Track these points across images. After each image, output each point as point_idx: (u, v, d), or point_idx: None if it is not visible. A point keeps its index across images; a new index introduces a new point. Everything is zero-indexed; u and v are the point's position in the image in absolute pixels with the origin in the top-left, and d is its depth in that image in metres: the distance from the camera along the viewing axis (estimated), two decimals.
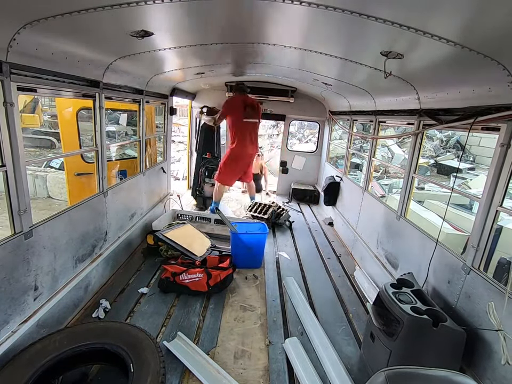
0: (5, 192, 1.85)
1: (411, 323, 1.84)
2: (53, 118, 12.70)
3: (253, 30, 2.27)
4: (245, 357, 2.29)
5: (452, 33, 1.53)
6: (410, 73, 2.42)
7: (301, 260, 3.90)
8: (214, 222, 4.58)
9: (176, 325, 2.53)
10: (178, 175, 8.82)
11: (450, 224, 5.21)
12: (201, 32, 2.34)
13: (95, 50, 2.30)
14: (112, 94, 2.93)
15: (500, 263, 3.41)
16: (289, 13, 1.76)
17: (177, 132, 14.85)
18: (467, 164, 12.67)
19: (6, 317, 1.85)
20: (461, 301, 2.06)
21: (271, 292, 3.14)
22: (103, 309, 2.63)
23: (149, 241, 3.65)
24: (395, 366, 1.20)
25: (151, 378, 1.71)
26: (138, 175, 3.80)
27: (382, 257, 3.26)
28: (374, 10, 1.49)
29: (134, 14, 1.71)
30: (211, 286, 2.93)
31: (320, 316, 2.78)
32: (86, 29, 1.87)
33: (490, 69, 1.68)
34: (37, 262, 2.08)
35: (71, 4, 1.50)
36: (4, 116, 1.72)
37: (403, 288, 2.17)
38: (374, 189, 7.96)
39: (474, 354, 1.88)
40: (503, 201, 1.86)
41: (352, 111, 4.68)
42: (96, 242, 2.85)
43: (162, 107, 4.54)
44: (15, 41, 1.65)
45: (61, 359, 1.83)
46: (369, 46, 2.18)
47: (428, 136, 14.05)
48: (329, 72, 3.39)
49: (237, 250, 3.54)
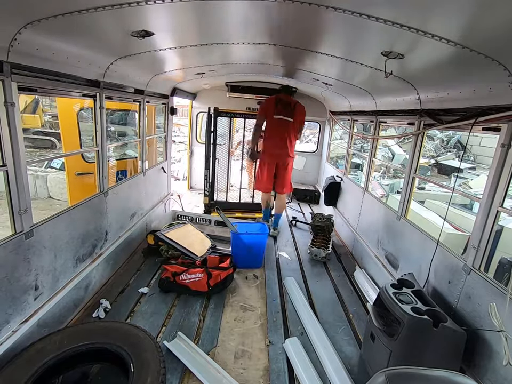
0: (6, 191, 1.85)
1: (411, 323, 1.84)
2: (54, 118, 12.70)
3: (254, 30, 2.27)
4: (245, 357, 2.29)
5: (452, 33, 1.53)
6: (411, 73, 2.42)
7: (301, 259, 3.90)
8: (214, 223, 4.57)
9: (176, 325, 2.53)
10: (178, 175, 8.82)
11: (451, 224, 5.21)
12: (201, 32, 2.34)
13: (96, 50, 2.31)
14: (113, 94, 2.93)
15: (501, 263, 3.41)
16: (290, 13, 1.76)
17: (177, 132, 14.85)
18: (468, 163, 12.66)
19: (7, 316, 1.85)
20: (461, 302, 2.06)
21: (271, 291, 3.14)
22: (103, 308, 2.63)
23: (149, 241, 3.65)
24: (395, 366, 1.20)
25: (151, 378, 1.71)
26: (138, 175, 3.80)
27: (382, 258, 3.26)
28: (375, 10, 1.49)
29: (134, 14, 1.71)
30: (211, 286, 2.93)
31: (320, 316, 2.78)
32: (87, 29, 1.87)
33: (491, 69, 1.68)
34: (38, 262, 2.08)
35: (71, 4, 1.50)
36: (4, 115, 1.73)
37: (403, 288, 2.17)
38: (375, 189, 7.96)
39: (474, 354, 1.88)
40: (504, 202, 1.86)
41: (352, 111, 4.68)
42: (97, 242, 2.86)
43: (163, 107, 4.55)
44: (16, 41, 1.66)
45: (61, 359, 1.83)
46: (369, 46, 2.18)
47: (429, 136, 14.04)
48: (330, 72, 3.39)
49: (237, 250, 3.54)
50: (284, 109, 4.27)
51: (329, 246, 4.04)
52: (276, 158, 4.40)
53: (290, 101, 4.35)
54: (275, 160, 4.40)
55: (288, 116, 4.28)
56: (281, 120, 4.27)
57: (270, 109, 4.29)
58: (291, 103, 4.33)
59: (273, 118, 4.27)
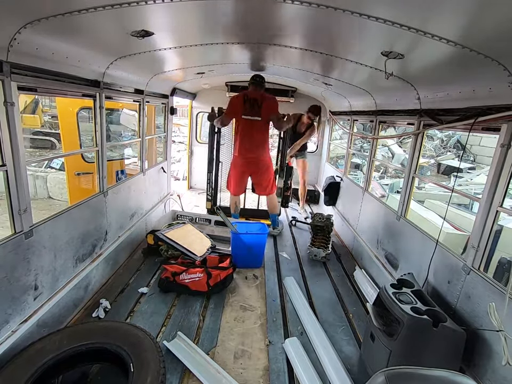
0: (6, 191, 1.85)
1: (411, 323, 1.84)
2: (54, 118, 12.69)
3: (253, 30, 2.27)
4: (245, 356, 2.29)
5: (452, 33, 1.53)
6: (411, 73, 2.42)
7: (301, 259, 3.90)
8: (214, 223, 4.56)
9: (176, 325, 2.53)
10: (178, 175, 8.82)
11: (451, 224, 5.21)
12: (201, 32, 2.34)
13: (96, 50, 2.31)
14: (113, 93, 2.93)
15: (500, 263, 3.42)
16: (289, 13, 1.76)
17: (177, 132, 14.85)
18: (467, 163, 12.66)
19: (6, 316, 1.85)
20: (461, 301, 2.06)
21: (271, 291, 3.14)
22: (103, 308, 2.63)
23: (149, 241, 3.65)
24: (395, 366, 1.20)
25: (151, 378, 1.71)
26: (138, 175, 3.80)
27: (382, 257, 3.26)
28: (375, 10, 1.49)
29: (134, 14, 1.71)
30: (211, 286, 2.93)
31: (320, 316, 2.78)
32: (87, 29, 1.87)
33: (491, 69, 1.68)
34: (37, 262, 2.08)
35: (71, 4, 1.50)
36: (4, 115, 1.72)
37: (403, 288, 2.17)
38: (374, 189, 7.96)
39: (474, 354, 1.88)
40: (504, 202, 1.86)
41: (352, 111, 4.68)
42: (97, 242, 2.85)
43: (163, 107, 4.55)
44: (15, 41, 1.65)
45: (61, 359, 1.83)
46: (369, 46, 2.18)
47: (428, 136, 14.04)
48: (330, 72, 3.40)
49: (237, 250, 3.54)
50: (250, 107, 3.89)
51: (329, 246, 4.03)
52: (249, 165, 4.11)
53: (257, 97, 3.91)
54: (249, 169, 4.15)
55: (255, 115, 3.90)
56: (248, 120, 3.94)
57: (238, 108, 3.92)
58: (258, 99, 3.90)
59: (242, 118, 3.96)
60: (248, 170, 4.20)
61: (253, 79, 3.96)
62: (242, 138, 4.05)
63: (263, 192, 4.40)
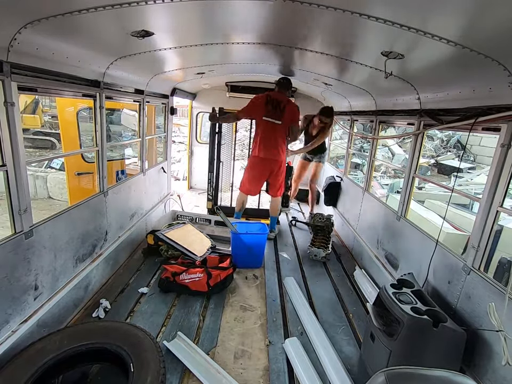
0: (6, 191, 1.85)
1: (411, 323, 1.84)
2: (54, 118, 12.69)
3: (253, 30, 2.27)
4: (245, 357, 2.29)
5: (452, 33, 1.53)
6: (411, 73, 2.42)
7: (301, 260, 3.90)
8: (214, 223, 4.56)
9: (176, 325, 2.53)
10: (178, 175, 8.82)
11: (451, 224, 5.21)
12: (201, 32, 2.34)
13: (96, 50, 2.31)
14: (113, 94, 2.93)
15: (501, 263, 3.42)
16: (289, 13, 1.76)
17: (177, 132, 14.85)
18: (468, 163, 12.66)
19: (7, 316, 1.85)
20: (461, 302, 2.06)
21: (271, 292, 3.14)
22: (103, 308, 2.63)
23: (149, 241, 3.65)
24: (395, 366, 1.20)
25: (151, 378, 1.71)
26: (138, 175, 3.80)
27: (382, 258, 3.26)
28: (374, 10, 1.49)
29: (134, 14, 1.71)
30: (211, 286, 2.93)
31: (320, 316, 2.78)
32: (87, 29, 1.87)
33: (491, 69, 1.68)
34: (37, 262, 2.08)
35: (71, 4, 1.50)
36: (4, 115, 1.72)
37: (403, 288, 2.17)
38: (374, 189, 7.96)
39: (474, 354, 1.88)
40: (504, 202, 1.86)
41: (352, 111, 4.68)
42: (97, 242, 2.85)
43: (163, 107, 4.55)
44: (15, 41, 1.65)
45: (61, 359, 1.83)
46: (369, 46, 2.18)
47: (429, 136, 14.04)
48: (330, 72, 3.40)
49: (237, 250, 3.54)
50: (273, 110, 3.90)
51: (329, 246, 4.03)
52: (269, 165, 4.09)
53: (281, 100, 3.93)
54: (268, 168, 4.11)
55: (277, 118, 3.91)
56: (269, 122, 3.93)
57: (259, 109, 3.92)
58: (281, 102, 3.91)
59: (263, 119, 3.94)
60: (267, 170, 4.16)
61: (278, 80, 4.01)
62: (263, 139, 4.02)
63: (275, 192, 4.40)
